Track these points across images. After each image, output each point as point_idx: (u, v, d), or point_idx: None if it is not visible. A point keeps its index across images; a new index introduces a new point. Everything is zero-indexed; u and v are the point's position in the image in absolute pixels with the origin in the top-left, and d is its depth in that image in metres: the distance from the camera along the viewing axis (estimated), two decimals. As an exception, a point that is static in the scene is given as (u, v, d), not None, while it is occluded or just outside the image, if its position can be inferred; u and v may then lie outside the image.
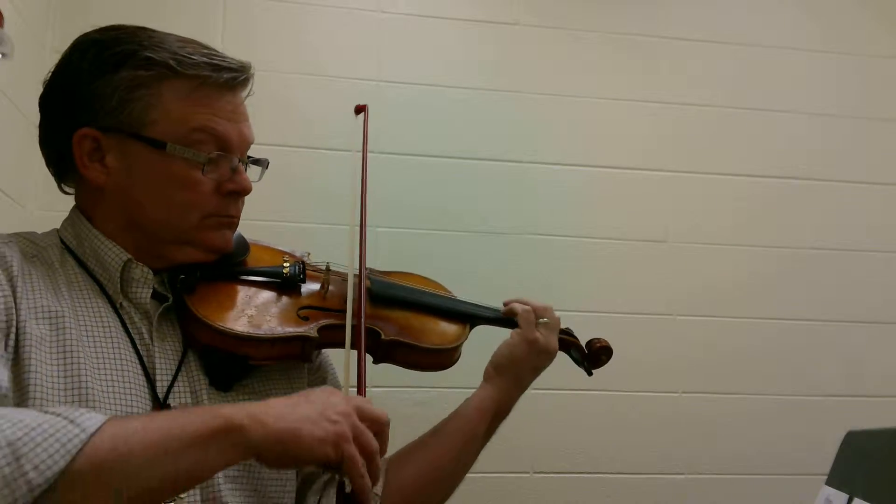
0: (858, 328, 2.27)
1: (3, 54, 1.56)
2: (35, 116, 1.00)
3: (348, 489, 0.81)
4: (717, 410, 2.18)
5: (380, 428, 0.81)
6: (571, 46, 2.29)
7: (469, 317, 1.19)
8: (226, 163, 0.96)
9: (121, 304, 0.92)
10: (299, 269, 1.05)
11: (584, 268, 2.19)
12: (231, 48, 1.03)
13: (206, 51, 0.97)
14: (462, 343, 1.15)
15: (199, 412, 0.74)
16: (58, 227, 1.00)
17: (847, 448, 0.89)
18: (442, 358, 1.12)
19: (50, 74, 0.98)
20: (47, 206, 1.89)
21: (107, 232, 0.94)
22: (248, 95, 1.01)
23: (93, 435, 0.66)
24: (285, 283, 1.03)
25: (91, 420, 0.68)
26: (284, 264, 1.05)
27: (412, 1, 2.23)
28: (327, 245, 1.21)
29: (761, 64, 2.36)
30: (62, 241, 0.96)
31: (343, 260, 1.10)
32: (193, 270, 0.97)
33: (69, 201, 1.02)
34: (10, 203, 1.78)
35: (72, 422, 0.67)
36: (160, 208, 0.94)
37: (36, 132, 1.00)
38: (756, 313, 2.24)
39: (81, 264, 0.93)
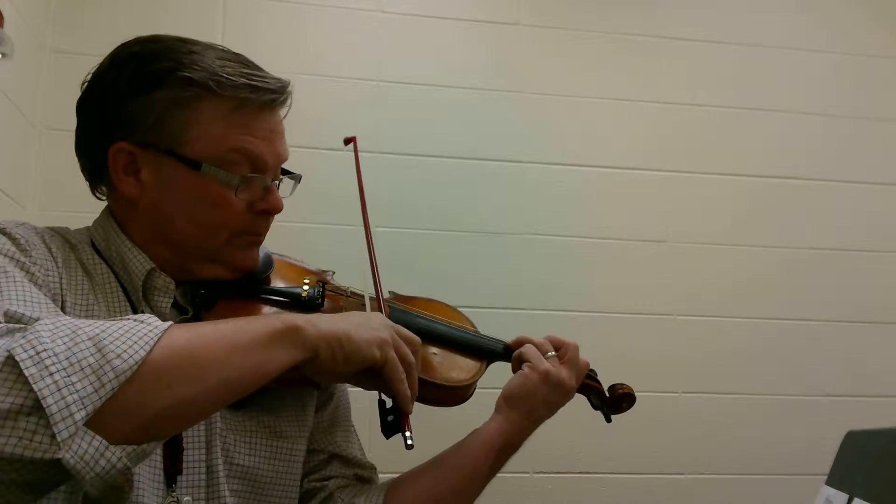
0: (858, 328, 2.27)
1: (3, 54, 1.56)
2: (35, 116, 1.00)
3: (389, 404, 0.87)
4: (717, 410, 2.18)
5: (414, 347, 0.89)
6: (571, 46, 2.29)
7: (487, 353, 1.15)
8: (259, 183, 0.96)
9: (142, 311, 0.92)
10: (318, 291, 1.04)
11: (583, 268, 2.19)
12: (231, 48, 1.03)
13: (246, 70, 0.95)
14: (477, 380, 1.11)
15: (261, 319, 0.80)
16: (87, 225, 1.00)
17: (847, 448, 0.88)
18: (454, 394, 1.08)
19: (87, 82, 0.97)
20: (47, 206, 1.89)
21: (135, 241, 0.95)
22: (286, 114, 1.01)
23: (166, 331, 0.70)
24: (303, 305, 1.02)
25: (159, 322, 0.72)
26: (304, 285, 1.04)
27: (412, 1, 2.23)
28: (327, 245, 1.21)
29: (761, 64, 2.36)
30: (92, 242, 0.96)
31: (354, 271, 1.09)
32: (214, 286, 0.97)
33: (69, 202, 1.02)
34: (10, 203, 1.78)
35: (143, 322, 0.70)
36: (190, 225, 0.94)
37: (35, 132, 1.00)
38: (756, 313, 2.24)
39: (109, 268, 0.94)
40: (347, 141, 1.18)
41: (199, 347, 0.72)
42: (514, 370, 1.13)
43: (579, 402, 1.16)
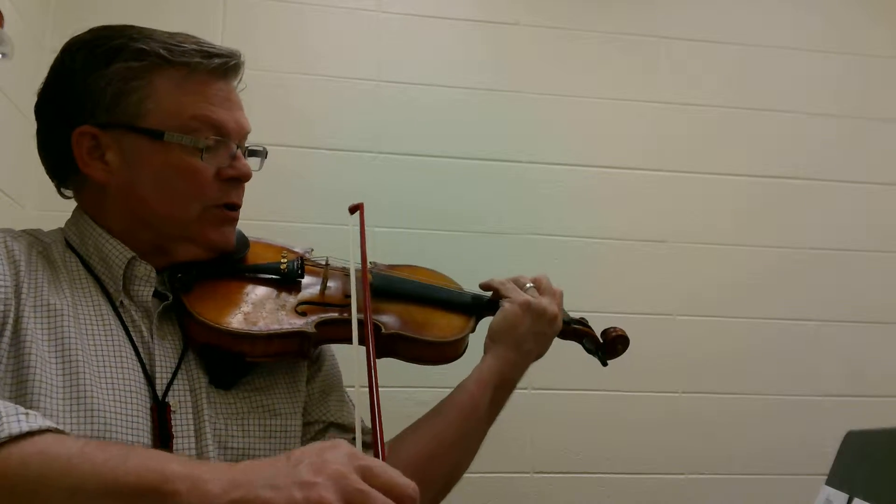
0: (858, 328, 2.27)
1: (3, 54, 1.56)
2: (34, 116, 1.00)
3: None
4: (717, 410, 2.18)
5: (399, 498, 0.61)
6: (571, 46, 2.29)
7: (473, 308, 1.16)
8: (224, 149, 0.97)
9: (121, 302, 0.92)
10: (298, 264, 1.04)
11: (584, 268, 2.19)
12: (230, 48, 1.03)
13: (195, 40, 0.98)
14: (467, 335, 1.12)
15: (153, 459, 0.64)
16: (60, 226, 1.00)
17: (847, 448, 0.88)
18: (446, 351, 1.10)
19: (43, 82, 0.98)
20: (46, 206, 1.87)
21: (111, 230, 0.95)
22: (238, 84, 1.01)
23: (15, 438, 0.62)
24: (283, 278, 1.02)
25: (21, 424, 0.63)
26: (283, 260, 1.04)
27: (412, 1, 2.23)
28: (327, 245, 1.21)
29: (761, 64, 2.36)
30: (66, 240, 0.96)
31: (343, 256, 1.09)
32: (190, 268, 0.97)
33: (68, 202, 1.02)
34: (10, 203, 1.78)
35: (4, 418, 0.63)
36: (163, 200, 0.94)
37: (35, 132, 1.00)
38: (756, 313, 2.24)
39: (84, 263, 0.94)
40: (353, 209, 1.12)
41: (36, 475, 0.61)
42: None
43: (580, 404, 1.16)
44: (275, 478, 0.61)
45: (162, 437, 0.86)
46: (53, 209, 1.11)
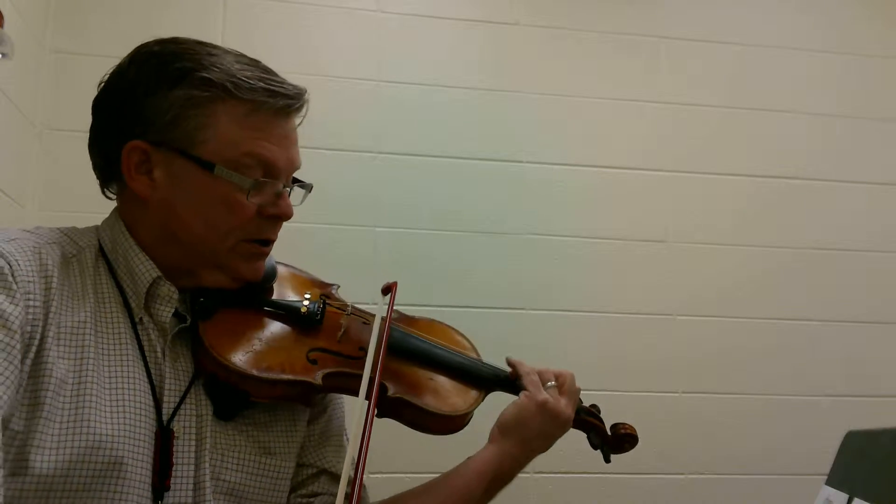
0: (858, 328, 2.27)
1: (3, 54, 1.56)
2: (35, 116, 1.00)
3: None
4: (717, 410, 2.18)
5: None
6: (571, 46, 2.29)
7: (486, 381, 1.13)
8: (271, 188, 0.96)
9: (140, 318, 0.92)
10: (319, 307, 1.03)
11: (583, 268, 2.19)
12: (230, 48, 1.03)
13: (264, 75, 0.96)
14: (473, 409, 1.09)
15: None
16: (96, 224, 1.00)
17: (847, 448, 0.88)
18: (450, 423, 1.07)
19: (105, 80, 0.97)
20: (47, 206, 1.88)
21: (143, 243, 0.94)
22: (301, 122, 1.01)
23: None
24: (301, 321, 1.01)
25: None
26: (305, 300, 1.03)
27: (412, 1, 2.23)
28: (327, 245, 1.21)
29: (761, 64, 2.36)
30: (99, 243, 0.96)
31: (352, 276, 1.07)
32: (214, 295, 0.97)
33: (68, 202, 1.02)
34: (10, 203, 1.78)
35: None
36: (200, 226, 0.94)
37: (35, 131, 1.00)
38: (756, 313, 2.24)
39: (111, 270, 0.93)
40: (386, 290, 1.08)
41: None
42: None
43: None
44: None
45: (162, 463, 0.87)
46: (53, 209, 1.12)
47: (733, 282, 2.25)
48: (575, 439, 2.18)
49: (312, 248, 1.95)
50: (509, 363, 1.17)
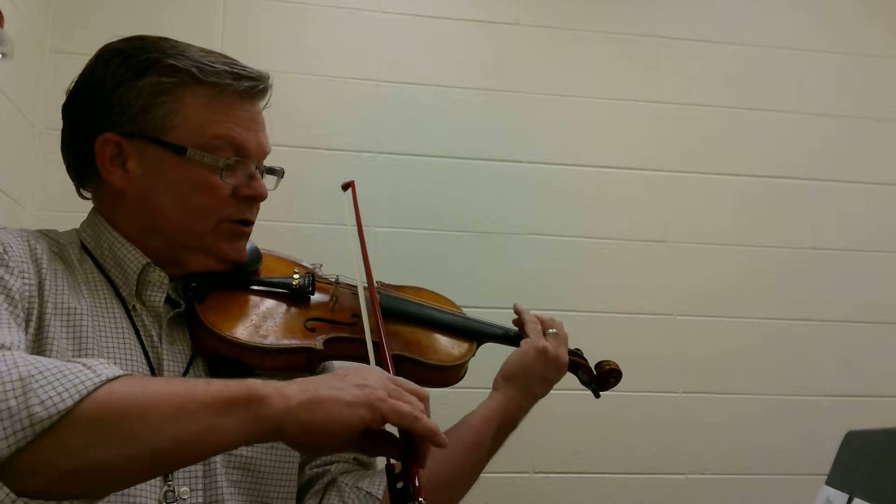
0: (858, 328, 2.27)
1: (3, 54, 1.56)
2: (35, 116, 1.00)
3: (397, 469, 0.77)
4: (717, 410, 2.18)
5: (421, 398, 0.77)
6: (571, 46, 2.29)
7: (476, 334, 1.19)
8: (243, 169, 0.99)
9: (133, 306, 0.94)
10: (309, 280, 1.06)
11: (584, 268, 2.19)
12: (231, 48, 1.04)
13: (227, 60, 0.99)
14: (468, 360, 1.15)
15: (227, 381, 0.71)
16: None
17: (847, 448, 0.89)
18: (447, 375, 1.12)
19: (73, 83, 1.00)
20: (47, 206, 1.89)
21: (126, 235, 0.96)
22: (265, 106, 1.04)
23: (109, 381, 0.65)
24: (294, 294, 1.04)
25: (109, 369, 0.67)
26: (295, 275, 1.06)
27: (412, 1, 2.23)
28: (326, 245, 1.21)
29: (761, 64, 2.36)
30: (81, 241, 0.97)
31: (349, 270, 1.11)
32: (205, 278, 0.99)
33: (68, 202, 1.03)
34: (10, 203, 1.78)
35: (89, 368, 0.66)
36: (178, 212, 0.96)
37: (35, 132, 1.00)
38: (756, 313, 2.24)
39: (98, 265, 0.95)
40: (346, 186, 1.18)
41: (135, 406, 0.65)
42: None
43: (580, 404, 1.17)
44: (334, 382, 0.74)
45: None
46: (53, 209, 1.12)
47: (733, 282, 2.25)
48: (575, 440, 2.18)
49: (312, 247, 1.94)
50: (515, 310, 1.25)
